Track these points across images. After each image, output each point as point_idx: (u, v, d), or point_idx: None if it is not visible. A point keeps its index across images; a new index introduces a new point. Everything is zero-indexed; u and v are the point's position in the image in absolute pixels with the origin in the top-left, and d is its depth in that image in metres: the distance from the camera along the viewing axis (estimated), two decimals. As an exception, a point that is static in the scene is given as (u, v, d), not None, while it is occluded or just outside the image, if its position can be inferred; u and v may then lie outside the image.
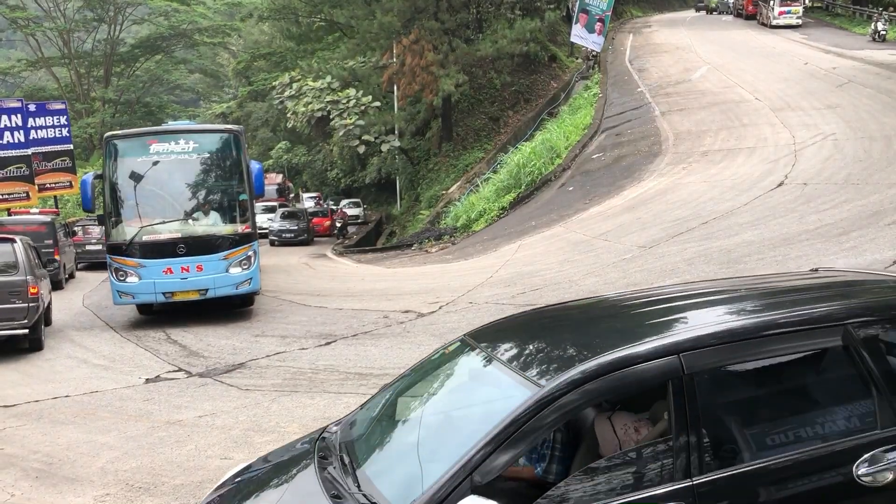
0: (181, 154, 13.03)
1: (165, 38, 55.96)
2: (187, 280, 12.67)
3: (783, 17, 43.72)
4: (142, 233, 12.68)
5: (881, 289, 4.03)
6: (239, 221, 13.31)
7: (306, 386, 8.81)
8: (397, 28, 33.20)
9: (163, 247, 12.67)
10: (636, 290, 4.64)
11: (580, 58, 41.36)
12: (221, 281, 12.79)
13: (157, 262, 12.58)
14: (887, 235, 11.85)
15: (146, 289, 12.62)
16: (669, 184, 19.00)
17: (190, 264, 12.62)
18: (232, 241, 12.99)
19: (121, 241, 12.74)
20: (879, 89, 24.25)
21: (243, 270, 12.94)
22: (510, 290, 13.29)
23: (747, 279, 4.97)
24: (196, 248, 12.74)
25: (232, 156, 13.38)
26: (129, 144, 13.11)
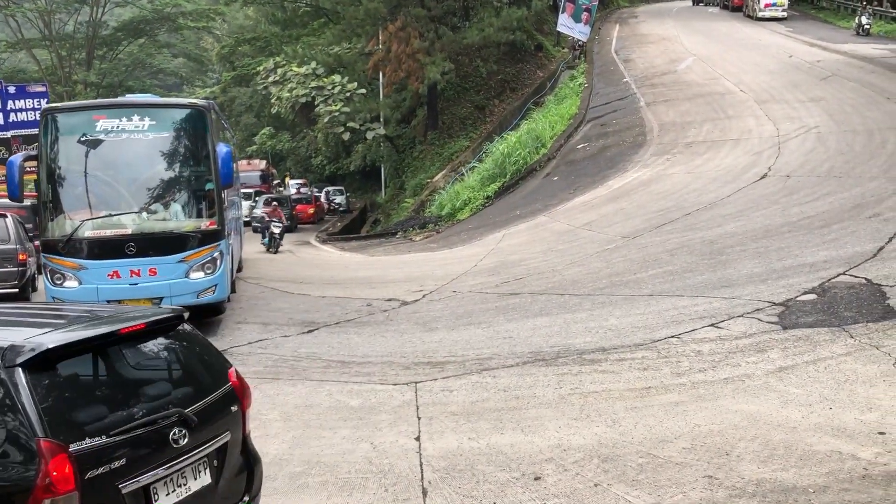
0: (134, 133, 10.62)
1: (149, 21, 55.24)
2: (137, 286, 10.39)
3: (769, 9, 43.86)
4: (83, 227, 10.37)
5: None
6: (204, 216, 10.99)
7: (288, 373, 8.77)
8: (383, 14, 33.02)
9: (109, 245, 10.40)
10: None
11: (566, 47, 41.31)
12: (179, 288, 10.54)
13: (101, 263, 10.31)
14: (868, 228, 11.94)
15: (87, 296, 10.22)
16: (654, 175, 19.05)
17: (141, 267, 10.38)
18: (194, 240, 10.70)
19: (58, 236, 10.43)
20: (863, 83, 24.40)
21: (207, 275, 10.71)
22: (494, 279, 13.30)
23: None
24: (149, 247, 10.48)
25: (196, 136, 11.04)
26: (71, 119, 10.79)
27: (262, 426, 7.09)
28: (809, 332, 8.26)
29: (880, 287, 9.35)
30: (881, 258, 10.49)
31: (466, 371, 8.25)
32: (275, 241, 22.83)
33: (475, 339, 9.64)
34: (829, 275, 10.04)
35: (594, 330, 9.30)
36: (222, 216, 11.09)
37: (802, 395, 6.70)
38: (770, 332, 8.39)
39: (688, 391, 7.09)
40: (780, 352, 7.79)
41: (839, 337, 8.01)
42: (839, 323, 8.40)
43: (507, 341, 9.30)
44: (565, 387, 7.49)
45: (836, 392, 6.70)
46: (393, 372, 8.51)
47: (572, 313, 10.25)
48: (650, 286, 10.99)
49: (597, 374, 7.75)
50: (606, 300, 10.67)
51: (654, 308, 9.88)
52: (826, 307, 8.95)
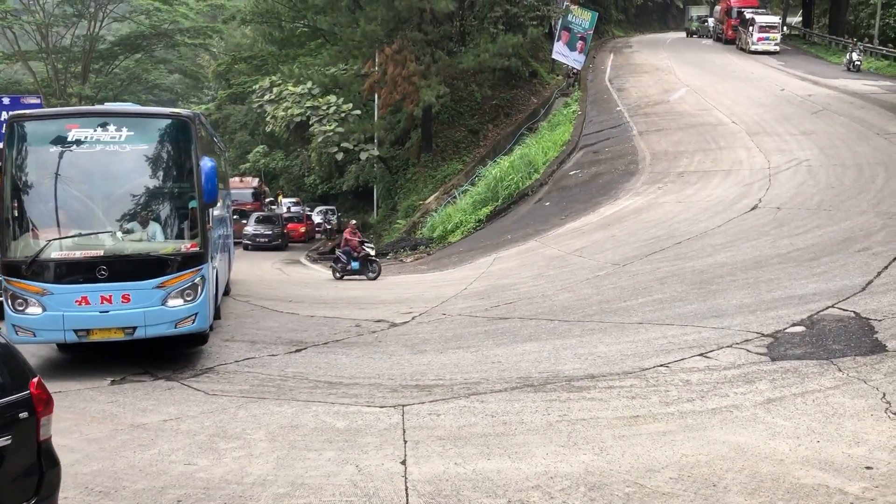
0: (110, 144, 9.67)
1: (146, 36, 55.40)
2: (108, 314, 9.43)
3: (762, 43, 44.40)
4: (50, 248, 9.39)
5: None
6: (185, 237, 9.99)
7: (274, 393, 8.70)
8: (380, 37, 33.20)
9: (78, 268, 9.45)
10: None
11: (561, 75, 41.63)
12: (155, 316, 9.58)
13: (68, 287, 9.36)
14: (857, 262, 12.01)
15: (52, 324, 9.36)
16: (645, 203, 19.13)
17: (113, 293, 9.39)
18: (173, 264, 9.71)
19: (21, 257, 9.42)
20: (853, 118, 24.66)
21: (186, 303, 9.72)
22: (484, 303, 13.28)
23: None
24: (123, 270, 9.49)
25: (179, 149, 10.08)
26: (40, 128, 9.78)
27: (246, 446, 7.02)
28: (798, 364, 8.26)
29: (868, 321, 9.39)
30: (870, 292, 10.55)
31: (454, 395, 8.21)
32: (372, 266, 19.80)
33: (464, 362, 9.60)
34: (818, 307, 10.07)
35: (583, 357, 9.28)
36: (205, 237, 10.06)
37: (790, 428, 6.69)
38: (759, 364, 8.39)
39: (676, 420, 7.07)
40: (768, 383, 7.79)
41: (827, 370, 8.02)
42: (828, 356, 8.42)
43: (496, 366, 9.26)
44: (553, 413, 7.45)
45: (824, 425, 6.69)
46: (380, 394, 8.45)
47: (562, 339, 10.23)
48: (640, 314, 11.00)
49: (585, 402, 7.72)
50: (596, 327, 10.67)
51: (643, 336, 9.87)
52: (815, 340, 8.97)
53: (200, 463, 6.69)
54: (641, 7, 75.34)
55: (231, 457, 6.82)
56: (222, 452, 6.91)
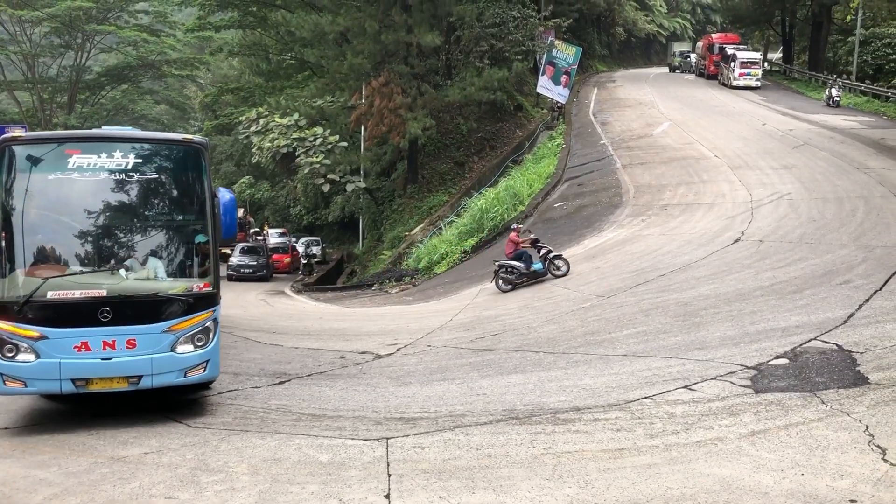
0: (115, 172, 8.79)
1: (133, 67, 55.62)
2: (111, 362, 8.49)
3: (743, 78, 45.17)
4: (47, 287, 8.38)
5: None
6: (196, 275, 9.07)
7: (257, 425, 8.62)
8: (367, 70, 33.51)
9: (78, 309, 8.43)
10: None
11: (545, 108, 42.15)
12: (163, 364, 8.69)
13: (67, 332, 8.37)
14: (839, 295, 12.11)
15: (47, 372, 8.35)
16: (629, 235, 19.26)
17: (117, 338, 8.50)
18: (183, 305, 8.82)
19: (12, 297, 8.38)
20: (833, 153, 25.05)
21: (197, 349, 8.85)
22: (469, 335, 13.26)
23: None
24: (128, 313, 8.58)
25: (190, 179, 9.19)
26: (37, 153, 8.72)
27: (228, 479, 6.94)
28: (781, 396, 8.29)
29: (851, 353, 9.45)
30: (851, 325, 10.63)
31: (439, 428, 8.16)
32: (557, 263, 17.42)
33: (449, 395, 9.56)
34: (800, 340, 10.14)
35: (568, 389, 9.27)
36: (217, 276, 9.21)
37: (774, 460, 6.69)
38: (743, 396, 8.42)
39: (661, 453, 7.06)
40: (752, 416, 7.81)
41: (811, 402, 8.05)
42: (811, 388, 8.46)
43: (481, 398, 9.23)
44: (538, 446, 7.42)
45: (807, 458, 6.70)
46: (364, 427, 8.39)
47: (547, 371, 10.22)
48: (625, 346, 11.02)
49: (570, 434, 7.70)
50: (581, 359, 10.67)
51: (628, 368, 9.88)
52: (798, 372, 9.02)
53: (182, 497, 6.60)
54: (625, 42, 76.62)
55: (213, 490, 6.73)
56: (204, 486, 6.82)
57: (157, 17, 54.96)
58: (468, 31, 37.06)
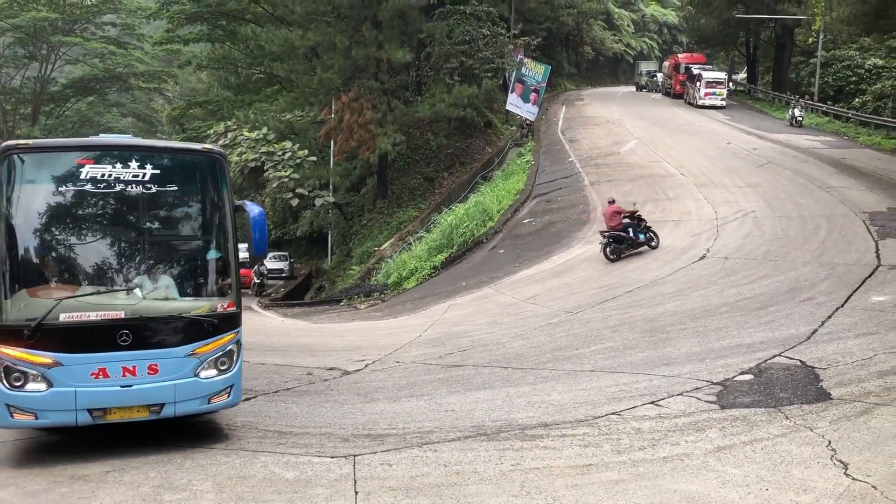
0: (131, 184, 8.01)
1: (99, 79, 55.03)
2: (131, 389, 7.78)
3: (708, 98, 45.95)
4: (60, 308, 7.57)
5: None
6: (219, 294, 8.48)
7: (222, 443, 8.49)
8: (337, 85, 33.51)
9: (95, 333, 7.69)
10: None
11: (515, 125, 42.46)
12: (187, 390, 8.02)
13: (83, 357, 7.62)
14: (802, 311, 12.31)
15: (60, 403, 7.57)
16: (597, 251, 19.38)
17: (138, 363, 7.80)
18: (207, 327, 8.16)
19: (20, 320, 7.53)
20: (796, 171, 25.52)
21: (220, 373, 8.25)
22: (438, 350, 13.22)
23: None
24: (149, 336, 7.91)
25: (211, 191, 8.51)
26: (44, 162, 7.99)
27: (192, 497, 6.82)
28: (747, 412, 8.38)
29: (814, 369, 9.60)
30: (815, 341, 10.80)
31: (407, 444, 8.11)
32: (650, 234, 18.68)
33: (417, 411, 9.51)
34: (765, 356, 10.27)
35: (537, 405, 9.28)
36: (240, 296, 8.62)
37: (740, 476, 6.75)
38: (708, 412, 8.49)
39: (628, 469, 7.08)
40: (718, 431, 7.87)
41: (775, 418, 8.14)
42: (775, 404, 8.56)
43: (450, 414, 9.19)
44: (506, 462, 7.41)
45: (772, 473, 6.76)
46: (331, 444, 8.31)
47: (515, 387, 10.22)
48: (592, 362, 11.06)
49: (538, 450, 7.70)
50: (549, 375, 10.69)
51: (595, 384, 9.92)
52: (762, 388, 9.13)
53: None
54: (593, 61, 77.54)
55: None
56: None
57: (125, 30, 54.54)
58: (438, 47, 37.29)
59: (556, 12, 54.99)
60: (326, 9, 34.00)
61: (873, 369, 9.51)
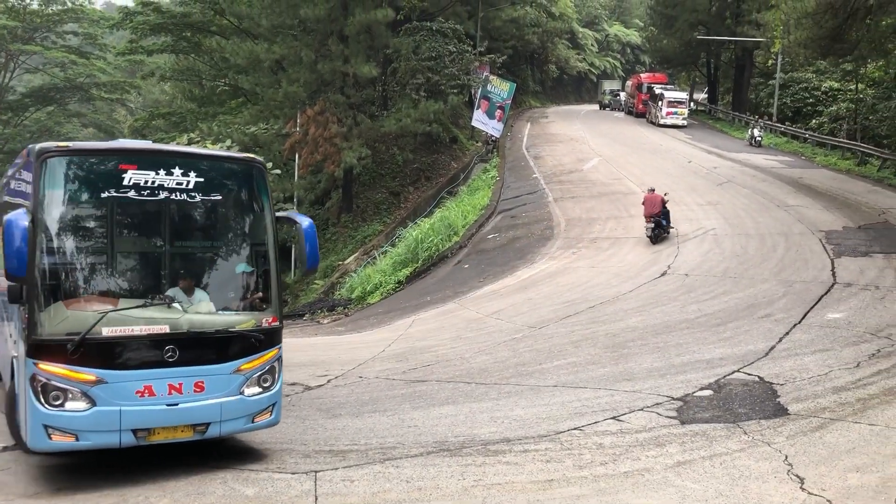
0: (176, 192, 7.62)
1: (59, 89, 54.16)
2: (177, 408, 7.37)
3: (670, 117, 46.73)
4: (104, 322, 7.10)
5: None
6: (263, 308, 8.14)
7: (181, 458, 8.34)
8: (303, 98, 33.42)
9: (141, 348, 7.30)
10: None
11: (480, 141, 42.71)
12: (233, 409, 7.67)
13: (129, 374, 7.20)
14: (761, 328, 12.52)
15: (104, 423, 7.09)
16: (560, 267, 19.55)
17: (184, 380, 7.41)
18: (254, 342, 7.85)
19: (61, 334, 7.00)
20: (755, 190, 26.02)
21: (264, 391, 7.93)
22: (402, 366, 13.17)
23: None
24: (196, 351, 7.53)
25: (255, 201, 8.26)
26: (85, 168, 7.51)
27: (148, 516, 6.69)
28: (706, 427, 8.48)
29: (772, 385, 9.76)
30: (772, 357, 10.99)
31: (369, 460, 8.05)
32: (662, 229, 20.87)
33: (380, 426, 9.46)
34: (724, 371, 10.42)
35: (500, 420, 9.28)
36: (282, 310, 8.41)
37: (699, 491, 6.81)
38: (669, 427, 8.57)
39: (589, 484, 7.11)
40: (678, 446, 7.95)
41: (734, 433, 8.25)
42: (734, 419, 8.67)
43: (412, 430, 9.16)
44: (468, 478, 7.39)
45: (731, 487, 6.85)
46: (292, 460, 8.22)
47: (479, 402, 10.22)
48: (555, 377, 11.11)
49: (500, 466, 7.70)
50: (513, 390, 10.71)
51: (558, 399, 9.97)
52: (722, 403, 9.25)
53: (97, 535, 6.33)
54: (557, 79, 78.44)
55: (131, 528, 6.47)
56: (122, 523, 6.55)
57: (87, 39, 53.80)
58: (405, 63, 37.40)
59: (521, 31, 55.54)
60: (292, 22, 33.94)
61: (828, 385, 9.71)
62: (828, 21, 26.49)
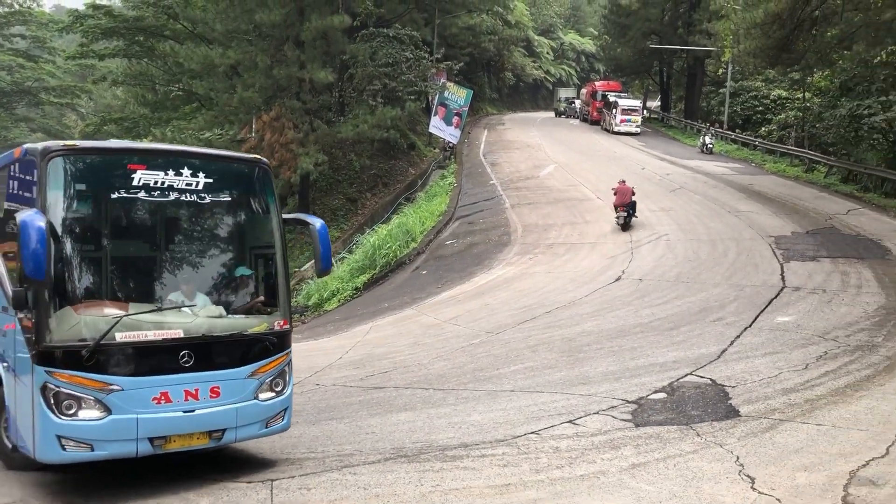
0: (186, 193, 7.48)
1: (6, 93, 52.92)
2: (194, 415, 7.17)
3: (624, 125, 47.39)
4: (118, 327, 6.85)
5: None
6: (274, 311, 8.00)
7: (132, 468, 8.18)
8: (258, 104, 33.16)
9: (156, 353, 7.08)
10: None
11: (438, 148, 42.83)
12: (248, 414, 7.54)
13: (145, 381, 6.97)
14: (713, 331, 12.76)
15: (121, 431, 6.85)
16: (517, 273, 19.68)
17: (201, 385, 7.23)
18: (268, 346, 7.74)
19: (74, 341, 6.74)
20: (707, 196, 26.53)
21: (276, 395, 7.83)
22: (359, 373, 13.11)
23: None
24: (211, 356, 7.36)
25: (263, 203, 8.10)
26: (93, 167, 7.33)
27: (99, 529, 6.55)
28: (660, 429, 8.60)
29: (723, 388, 9.95)
30: (724, 360, 11.20)
31: (326, 468, 8.00)
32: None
33: (337, 434, 9.41)
34: (677, 374, 10.59)
35: (457, 425, 9.30)
36: (291, 313, 8.22)
37: (654, 493, 6.91)
38: (624, 430, 8.68)
39: (546, 488, 7.16)
40: (633, 449, 8.05)
41: (687, 435, 8.39)
42: (687, 421, 8.82)
43: (370, 437, 9.13)
44: (426, 484, 7.39)
45: (684, 489, 6.96)
46: (248, 468, 8.12)
47: (436, 408, 10.22)
48: (512, 382, 11.17)
49: (458, 471, 7.71)
50: (470, 395, 10.74)
51: (515, 404, 10.02)
52: (675, 406, 9.40)
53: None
54: (514, 87, 79.09)
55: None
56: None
57: (35, 42, 52.68)
58: (361, 69, 37.35)
59: (478, 38, 55.89)
60: (248, 27, 33.68)
61: (778, 387, 9.94)
62: (776, 31, 27.17)
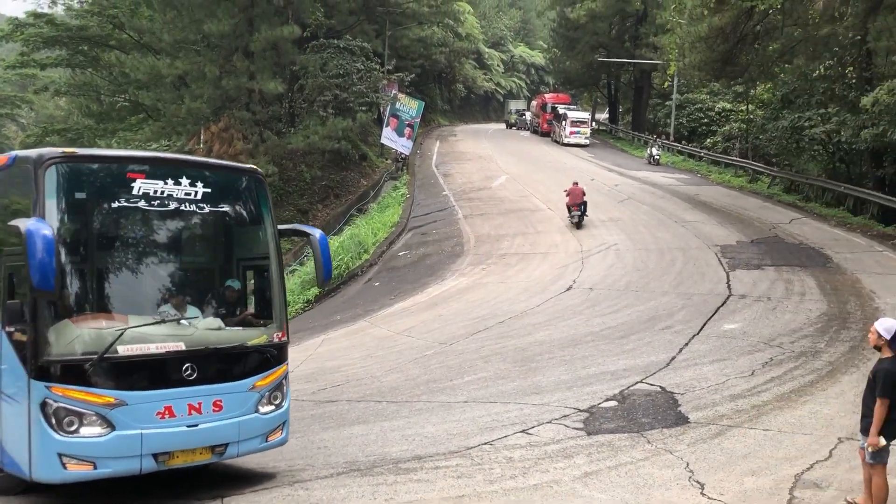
0: (185, 202, 7.30)
1: (-58, 103, 51.33)
2: (197, 429, 6.98)
3: (573, 136, 47.95)
4: (121, 340, 6.62)
5: None
6: (271, 323, 7.87)
7: (79, 485, 7.95)
8: (206, 115, 32.76)
9: (160, 367, 6.90)
10: None
11: (390, 159, 42.77)
12: (250, 428, 7.39)
13: (149, 395, 6.76)
14: (661, 339, 12.95)
15: (125, 448, 6.61)
16: (470, 283, 19.72)
17: (204, 399, 7.05)
18: (268, 358, 7.63)
19: (77, 354, 6.51)
20: (654, 207, 26.99)
21: (275, 409, 7.66)
22: (311, 387, 12.97)
23: None
24: (212, 369, 7.17)
25: (259, 213, 7.96)
26: (93, 175, 7.15)
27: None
28: (611, 437, 8.69)
29: (673, 395, 10.10)
30: (673, 367, 11.38)
31: (277, 484, 7.88)
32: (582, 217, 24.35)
33: (288, 449, 9.25)
34: (628, 382, 10.71)
35: (411, 438, 9.26)
36: (288, 325, 8.05)
37: (606, 500, 6.97)
38: (576, 438, 8.74)
39: (500, 498, 7.17)
40: (585, 457, 8.12)
41: (638, 442, 8.49)
42: (638, 429, 8.93)
43: (322, 451, 9.02)
44: (380, 497, 7.33)
45: (636, 496, 7.03)
46: (197, 485, 7.96)
47: (390, 421, 10.16)
48: (466, 392, 11.18)
49: (412, 484, 7.67)
50: (424, 407, 10.71)
51: (468, 415, 10.02)
52: (626, 413, 9.51)
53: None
54: (465, 98, 79.51)
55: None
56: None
57: (-27, 51, 51.17)
58: (312, 80, 37.17)
59: (429, 50, 56.09)
60: (196, 38, 33.28)
61: (726, 393, 10.13)
62: (719, 45, 27.85)
